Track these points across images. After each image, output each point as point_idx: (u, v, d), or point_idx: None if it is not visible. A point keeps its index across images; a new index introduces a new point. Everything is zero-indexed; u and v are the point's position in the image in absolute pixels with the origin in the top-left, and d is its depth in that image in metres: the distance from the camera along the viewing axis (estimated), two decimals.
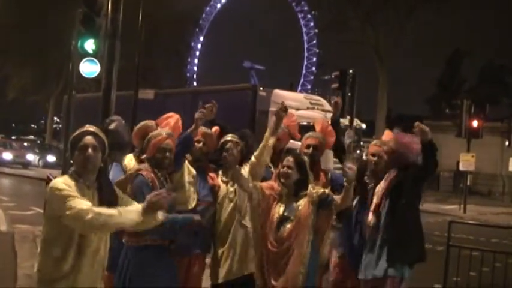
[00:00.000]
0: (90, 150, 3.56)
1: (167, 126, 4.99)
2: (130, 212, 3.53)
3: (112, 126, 4.54)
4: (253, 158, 5.14)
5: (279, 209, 4.69)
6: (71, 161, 3.68)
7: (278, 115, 5.21)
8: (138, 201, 3.78)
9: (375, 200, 5.12)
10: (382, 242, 5.00)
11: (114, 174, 4.75)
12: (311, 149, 5.44)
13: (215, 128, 5.54)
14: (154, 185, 4.46)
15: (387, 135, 5.61)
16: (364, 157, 5.87)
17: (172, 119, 5.11)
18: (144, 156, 4.76)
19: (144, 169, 4.59)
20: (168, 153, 4.62)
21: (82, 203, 3.34)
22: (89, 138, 3.60)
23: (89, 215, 3.29)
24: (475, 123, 22.19)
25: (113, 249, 3.99)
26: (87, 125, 3.74)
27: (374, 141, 5.68)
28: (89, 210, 3.30)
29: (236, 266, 5.16)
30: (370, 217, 5.13)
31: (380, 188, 5.14)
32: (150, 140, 4.68)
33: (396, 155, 5.15)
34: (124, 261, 4.47)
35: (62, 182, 3.47)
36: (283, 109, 5.20)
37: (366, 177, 5.30)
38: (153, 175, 4.53)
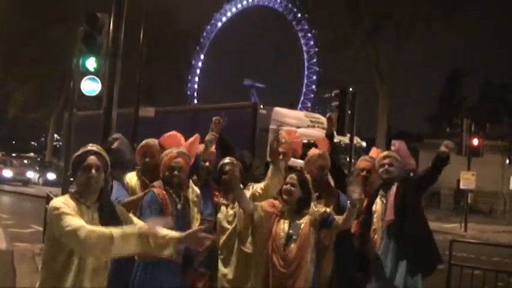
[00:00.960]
0: (93, 170, 3.55)
1: (179, 145, 5.01)
2: (127, 236, 3.32)
3: (115, 145, 4.56)
4: (259, 190, 5.15)
5: (284, 226, 4.69)
6: (71, 179, 3.68)
7: (272, 148, 5.12)
8: (144, 218, 3.76)
9: (387, 217, 5.08)
10: (396, 256, 4.96)
11: (116, 192, 4.75)
12: (325, 170, 5.51)
13: (196, 136, 5.58)
14: (165, 202, 4.52)
15: (374, 152, 5.72)
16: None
17: (192, 138, 5.15)
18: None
19: (157, 186, 4.64)
20: (176, 172, 4.65)
21: (78, 222, 3.30)
22: (92, 159, 3.59)
23: (83, 233, 3.23)
24: (475, 142, 22.18)
25: (116, 270, 3.98)
26: (90, 144, 3.73)
27: (363, 157, 5.77)
28: (82, 228, 3.25)
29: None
30: (378, 235, 5.11)
31: (388, 202, 5.11)
32: (162, 159, 4.75)
33: (401, 163, 5.24)
34: (141, 276, 4.48)
35: (61, 201, 3.45)
36: (277, 141, 5.15)
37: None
38: (164, 192, 4.56)
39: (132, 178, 5.10)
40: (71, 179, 3.73)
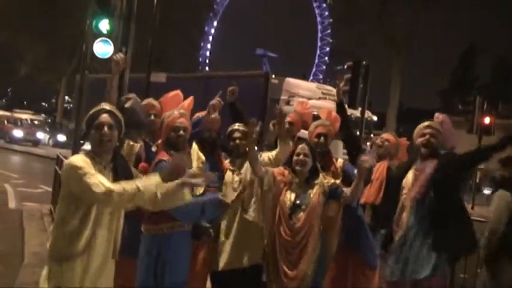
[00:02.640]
0: (106, 128, 3.54)
1: (177, 106, 4.95)
2: (150, 184, 3.48)
3: (128, 104, 4.48)
4: (267, 159, 5.17)
5: (290, 196, 4.68)
6: (82, 141, 3.68)
7: (278, 120, 5.19)
8: None
9: (414, 191, 4.77)
10: (426, 235, 4.69)
11: None
12: (322, 138, 5.40)
13: (189, 99, 5.53)
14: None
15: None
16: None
17: (187, 100, 5.09)
18: (159, 142, 4.72)
19: (160, 151, 4.58)
20: (182, 132, 4.56)
21: (102, 179, 3.35)
22: (105, 117, 3.58)
23: (110, 190, 3.30)
24: (487, 120, 22.00)
25: (126, 235, 3.99)
26: (103, 103, 3.72)
27: (390, 132, 5.71)
28: (108, 186, 3.32)
29: (236, 257, 5.12)
30: (406, 212, 4.81)
31: (421, 175, 4.78)
32: (164, 122, 4.64)
33: (442, 137, 4.87)
34: (151, 250, 4.44)
35: (80, 160, 3.45)
36: (281, 114, 5.21)
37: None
38: (170, 158, 4.48)
39: None
40: (81, 141, 3.73)
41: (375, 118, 20.88)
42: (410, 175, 4.91)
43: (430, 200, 4.69)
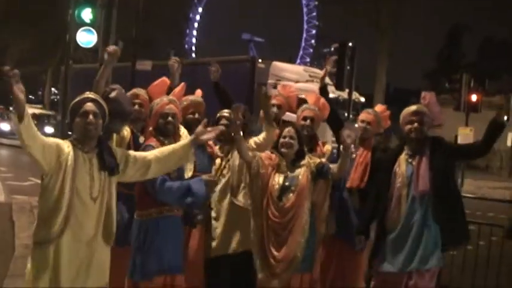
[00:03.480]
0: (91, 116, 3.56)
1: (165, 92, 4.96)
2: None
3: (112, 94, 4.47)
4: (253, 144, 5.12)
5: (279, 179, 4.70)
6: (69, 132, 3.68)
7: (262, 104, 5.18)
8: None
9: (420, 187, 4.67)
10: (426, 227, 4.66)
11: None
12: (308, 121, 5.44)
13: (198, 91, 5.50)
14: None
15: (378, 108, 5.62)
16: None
17: (178, 87, 5.08)
18: (150, 129, 4.72)
19: (149, 138, 4.59)
20: (170, 118, 4.56)
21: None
22: (89, 105, 3.60)
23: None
24: (474, 98, 22.09)
25: (122, 223, 4.00)
26: (88, 92, 3.73)
27: (366, 109, 5.67)
28: None
29: (226, 243, 5.15)
30: (404, 203, 4.75)
31: (421, 169, 4.70)
32: (153, 109, 4.65)
33: (430, 119, 4.81)
34: (140, 236, 4.44)
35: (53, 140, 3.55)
36: (265, 96, 5.22)
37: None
38: (160, 145, 4.48)
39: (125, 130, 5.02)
40: (70, 132, 3.73)
41: (363, 99, 20.91)
42: (403, 164, 4.82)
43: (433, 194, 4.65)
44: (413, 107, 4.85)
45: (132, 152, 3.96)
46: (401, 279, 4.70)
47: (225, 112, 5.37)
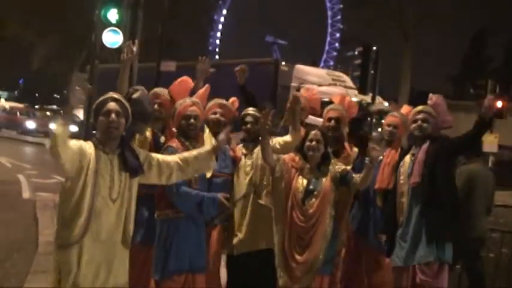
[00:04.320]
0: (113, 115, 3.59)
1: (187, 92, 4.98)
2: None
3: (135, 95, 4.50)
4: (277, 145, 5.10)
5: (302, 182, 4.70)
6: (94, 131, 3.72)
7: (293, 108, 5.10)
8: None
9: (412, 179, 4.83)
10: (421, 221, 4.74)
11: None
12: (333, 121, 5.44)
13: (232, 99, 5.50)
14: None
15: (405, 109, 5.57)
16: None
17: (202, 88, 5.10)
18: (173, 130, 4.76)
19: (173, 141, 4.61)
20: (192, 120, 4.58)
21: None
22: (112, 105, 3.63)
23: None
24: (499, 104, 21.85)
25: (141, 222, 4.02)
26: (111, 92, 3.76)
27: (391, 112, 5.64)
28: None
29: (251, 239, 5.14)
30: (405, 198, 4.90)
31: (416, 162, 4.84)
32: (176, 110, 4.67)
33: (436, 119, 4.92)
34: (162, 235, 4.48)
35: (75, 142, 3.57)
36: (296, 101, 5.10)
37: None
38: (181, 146, 4.52)
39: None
40: (94, 131, 3.77)
41: (386, 104, 20.76)
42: (407, 160, 4.98)
43: (424, 188, 4.75)
44: (419, 107, 5.02)
45: (155, 155, 3.96)
46: (407, 273, 4.79)
47: (251, 110, 5.36)
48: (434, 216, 4.69)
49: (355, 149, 5.58)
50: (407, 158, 5.00)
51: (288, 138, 5.15)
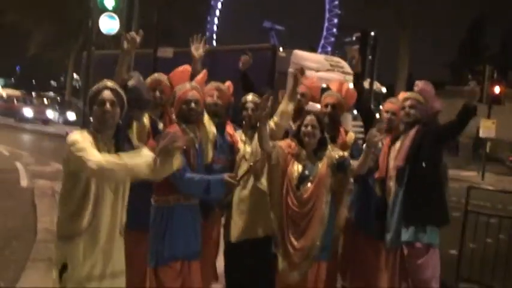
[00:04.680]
0: (108, 105, 3.55)
1: (186, 80, 4.94)
2: (139, 158, 3.56)
3: (131, 82, 4.46)
4: (272, 124, 5.08)
5: (298, 168, 4.69)
6: (91, 118, 3.68)
7: (296, 78, 5.14)
8: None
9: (396, 162, 4.98)
10: (403, 205, 4.90)
11: None
12: (329, 107, 5.43)
13: (228, 83, 5.48)
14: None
15: (402, 95, 5.56)
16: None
17: (200, 74, 5.07)
18: (173, 116, 4.73)
19: (172, 127, 4.58)
20: (193, 105, 4.53)
21: (95, 153, 3.35)
22: (107, 93, 3.59)
23: (101, 163, 3.31)
24: (496, 90, 21.90)
25: (136, 207, 4.00)
26: (106, 80, 3.72)
27: (390, 99, 5.66)
28: (99, 160, 3.33)
29: (250, 227, 5.14)
30: (392, 181, 5.03)
31: (403, 146, 4.98)
32: (175, 95, 4.63)
33: (424, 105, 5.01)
34: (157, 221, 4.45)
35: (78, 135, 3.46)
36: (301, 71, 5.13)
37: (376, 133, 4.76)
38: (181, 132, 4.50)
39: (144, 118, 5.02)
40: (91, 118, 3.72)
41: (384, 90, 20.77)
42: (397, 145, 5.12)
43: (408, 171, 4.88)
44: (406, 94, 5.18)
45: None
46: (394, 255, 5.00)
47: (251, 96, 5.34)
48: (417, 199, 4.81)
49: (351, 135, 5.57)
50: (398, 144, 5.12)
51: (281, 110, 5.11)
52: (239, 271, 5.26)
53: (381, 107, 16.99)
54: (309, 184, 4.65)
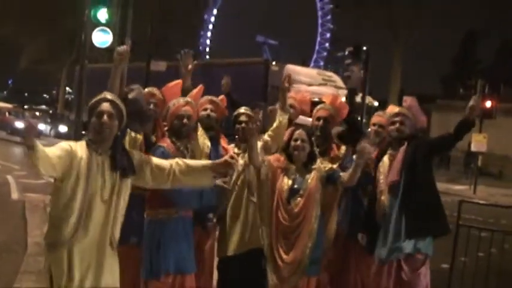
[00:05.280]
0: (105, 117, 3.56)
1: (179, 95, 4.96)
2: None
3: (131, 95, 4.45)
4: (267, 137, 5.10)
5: (287, 182, 4.69)
6: (83, 132, 3.69)
7: (282, 87, 5.17)
8: None
9: (390, 177, 4.97)
10: (399, 219, 4.86)
11: None
12: (322, 121, 5.43)
13: (221, 97, 5.50)
14: (175, 156, 4.44)
15: (390, 108, 5.60)
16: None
17: (196, 89, 5.09)
18: (165, 129, 4.74)
19: (164, 141, 4.58)
20: (186, 120, 4.56)
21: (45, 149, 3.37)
22: (106, 105, 3.60)
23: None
24: (488, 104, 22.00)
25: (130, 222, 3.99)
26: (106, 92, 3.73)
27: (377, 112, 5.70)
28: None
29: (245, 240, 5.12)
30: (384, 196, 5.00)
31: (395, 161, 4.97)
32: (169, 109, 4.64)
33: (412, 121, 5.04)
34: (149, 235, 4.45)
35: (65, 143, 3.54)
36: (288, 81, 5.15)
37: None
38: (172, 145, 4.50)
39: None
40: (83, 132, 3.74)
41: (376, 103, 20.84)
42: (386, 159, 5.11)
43: (403, 185, 4.87)
44: (395, 109, 5.20)
45: (153, 159, 3.90)
46: (389, 268, 4.92)
47: (244, 109, 5.36)
48: (414, 213, 4.81)
49: (343, 148, 5.58)
50: (386, 158, 5.12)
51: (276, 123, 5.13)
52: (232, 285, 5.24)
53: None
54: (299, 198, 4.64)
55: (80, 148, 3.55)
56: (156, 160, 3.91)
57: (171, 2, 36.12)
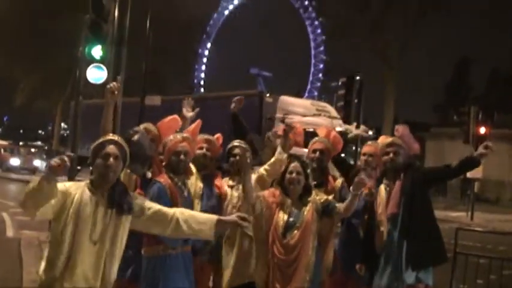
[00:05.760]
0: (111, 159, 3.55)
1: (175, 130, 4.99)
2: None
3: (135, 137, 4.47)
4: (263, 171, 5.11)
5: (283, 216, 4.67)
6: (78, 168, 3.69)
7: (285, 133, 5.22)
8: None
9: (390, 210, 4.95)
10: (400, 250, 4.85)
11: None
12: (318, 153, 5.45)
13: (217, 135, 5.53)
14: (172, 192, 4.46)
15: (382, 139, 5.64)
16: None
17: (193, 124, 5.13)
18: (163, 164, 4.75)
19: (161, 177, 4.58)
20: (183, 156, 4.59)
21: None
22: (111, 148, 3.59)
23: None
24: (482, 130, 22.10)
25: (125, 257, 3.97)
26: (111, 134, 3.75)
27: (368, 142, 5.73)
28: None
29: (239, 273, 5.08)
30: (384, 227, 4.98)
31: (393, 193, 4.98)
32: (166, 145, 4.66)
33: (406, 150, 5.08)
34: (149, 272, 4.41)
35: (66, 183, 3.53)
36: (289, 128, 5.22)
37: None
38: (170, 181, 4.51)
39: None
40: (78, 167, 3.73)
41: (371, 132, 20.90)
42: (382, 190, 5.11)
43: (402, 216, 4.88)
44: (388, 139, 5.21)
45: (155, 205, 3.81)
46: None
47: (237, 142, 5.39)
48: (414, 244, 4.80)
49: (339, 181, 5.59)
50: (382, 188, 5.12)
51: (274, 159, 5.16)
52: None
53: None
54: (296, 231, 4.62)
55: (75, 188, 3.53)
56: (158, 206, 3.84)
57: (165, 37, 36.42)
